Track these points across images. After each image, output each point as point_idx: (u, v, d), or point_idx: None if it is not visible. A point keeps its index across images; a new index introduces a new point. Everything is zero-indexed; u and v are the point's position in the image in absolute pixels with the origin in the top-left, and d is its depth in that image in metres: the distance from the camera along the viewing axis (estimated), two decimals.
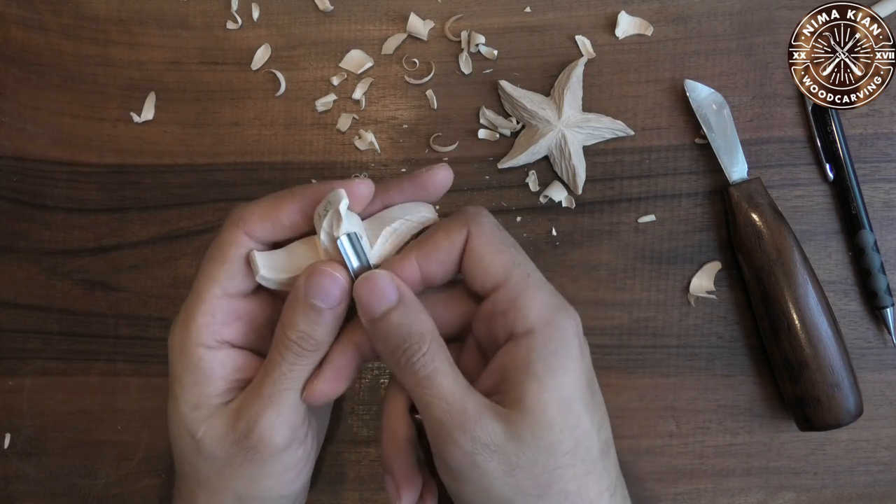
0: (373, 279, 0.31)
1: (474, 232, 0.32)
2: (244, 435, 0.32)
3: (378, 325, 0.31)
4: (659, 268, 0.45)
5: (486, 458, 0.29)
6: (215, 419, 0.32)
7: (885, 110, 0.45)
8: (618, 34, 0.45)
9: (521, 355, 0.30)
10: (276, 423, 0.32)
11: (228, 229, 0.32)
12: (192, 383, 0.32)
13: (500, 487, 0.29)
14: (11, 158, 0.47)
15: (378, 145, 0.46)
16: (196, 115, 0.47)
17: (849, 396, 0.41)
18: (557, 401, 0.29)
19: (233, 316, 0.33)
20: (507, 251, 0.32)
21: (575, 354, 0.30)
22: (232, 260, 0.32)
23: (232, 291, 0.33)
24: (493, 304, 0.31)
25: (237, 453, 0.32)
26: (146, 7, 0.47)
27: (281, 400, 0.32)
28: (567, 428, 0.29)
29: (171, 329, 0.33)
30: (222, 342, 0.33)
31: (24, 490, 0.46)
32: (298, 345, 0.31)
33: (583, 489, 0.30)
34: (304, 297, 0.31)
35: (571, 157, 0.44)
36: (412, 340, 0.30)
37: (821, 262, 0.45)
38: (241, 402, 0.32)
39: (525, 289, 0.31)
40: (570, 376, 0.30)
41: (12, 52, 0.47)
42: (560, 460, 0.29)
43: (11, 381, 0.47)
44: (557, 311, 0.31)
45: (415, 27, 0.46)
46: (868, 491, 0.45)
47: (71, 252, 0.47)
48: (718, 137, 0.44)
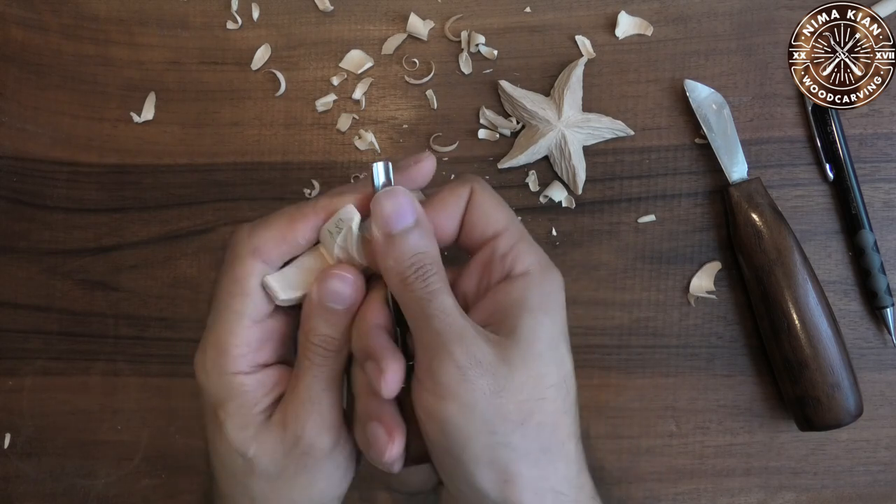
0: (396, 195, 0.32)
1: (476, 188, 0.34)
2: (294, 444, 0.33)
3: (394, 240, 0.31)
4: (659, 268, 0.45)
5: (478, 374, 0.30)
6: (263, 435, 0.33)
7: (885, 110, 0.45)
8: (618, 34, 0.45)
9: (519, 291, 0.32)
10: (321, 426, 0.33)
11: (244, 261, 0.33)
12: (239, 406, 0.33)
13: (484, 407, 0.30)
14: (11, 158, 0.47)
15: (378, 145, 0.46)
16: (196, 115, 0.47)
17: (849, 396, 0.41)
18: (548, 336, 0.31)
19: (263, 340, 0.34)
20: (506, 208, 0.34)
21: (562, 302, 0.32)
22: (254, 291, 0.33)
23: (257, 318, 0.33)
24: (493, 249, 0.33)
25: (289, 463, 0.33)
26: (146, 7, 0.47)
27: (320, 402, 0.33)
28: (554, 362, 0.31)
29: (198, 360, 0.34)
30: (257, 366, 0.34)
31: (24, 490, 0.46)
32: (324, 347, 0.32)
33: (557, 426, 0.31)
34: (319, 303, 0.32)
35: (571, 157, 0.44)
36: (426, 259, 0.31)
37: (821, 262, 0.45)
38: (283, 413, 0.33)
39: (523, 238, 0.33)
40: (559, 318, 0.32)
41: (12, 52, 0.47)
42: (544, 392, 0.31)
43: (11, 381, 0.47)
44: (549, 265, 0.33)
45: (415, 27, 0.46)
46: (868, 491, 0.45)
47: (71, 252, 0.47)
48: (718, 137, 0.44)
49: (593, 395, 0.45)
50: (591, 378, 0.45)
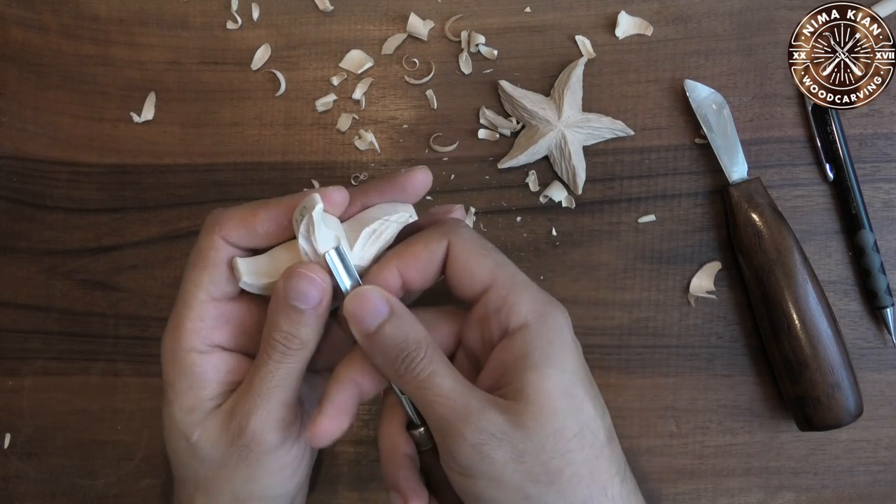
0: (362, 295, 0.31)
1: (455, 241, 0.32)
2: (237, 434, 0.32)
3: (374, 338, 0.31)
4: (659, 268, 0.45)
5: (494, 447, 0.29)
6: (209, 422, 0.33)
7: (885, 110, 0.45)
8: (618, 34, 0.45)
9: (518, 348, 0.31)
10: (268, 421, 0.32)
11: (206, 234, 0.33)
12: (187, 387, 0.33)
13: (510, 475, 0.29)
14: (11, 158, 0.47)
15: (378, 145, 0.46)
16: (196, 115, 0.47)
17: (849, 396, 0.41)
18: (559, 387, 0.30)
19: (221, 320, 0.33)
20: (490, 255, 0.33)
21: (569, 344, 0.31)
22: (214, 264, 0.33)
23: (217, 295, 0.33)
24: (485, 305, 0.32)
25: (232, 454, 0.33)
26: (146, 7, 0.47)
27: (270, 397, 0.32)
28: (571, 412, 0.30)
29: (162, 337, 0.34)
30: (213, 346, 0.33)
31: (24, 490, 0.46)
32: (283, 344, 0.32)
33: (594, 473, 0.30)
34: (284, 299, 0.32)
35: (571, 157, 0.44)
36: (410, 348, 0.31)
37: (821, 262, 0.45)
38: (233, 403, 0.33)
39: (513, 286, 0.32)
40: (568, 363, 0.31)
41: (12, 52, 0.47)
42: (568, 444, 0.30)
43: (11, 381, 0.47)
44: (547, 305, 0.32)
45: (415, 27, 0.46)
46: (868, 491, 0.45)
47: (71, 252, 0.47)
48: (718, 137, 0.44)
49: None
50: None
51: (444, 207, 0.35)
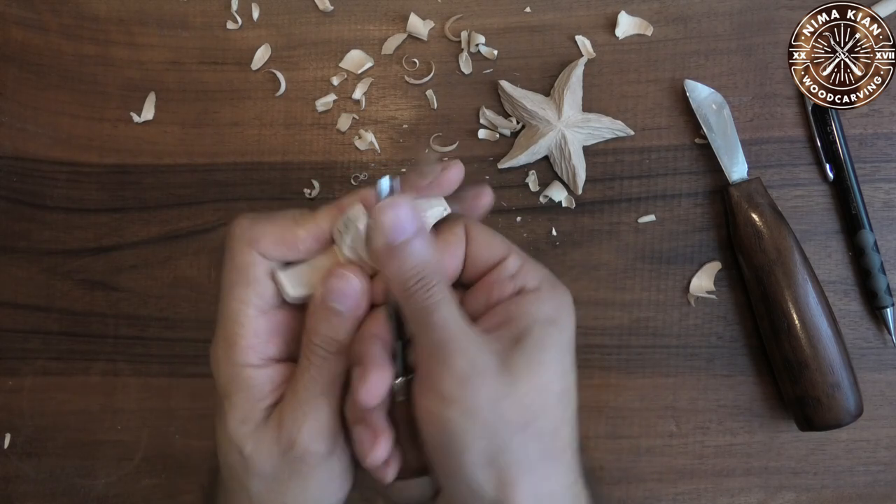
0: (398, 206, 0.31)
1: (469, 224, 0.34)
2: (288, 447, 0.32)
3: (396, 251, 0.31)
4: (659, 268, 0.45)
5: (480, 382, 0.30)
6: (261, 433, 0.33)
7: (885, 110, 0.45)
8: (618, 34, 0.45)
9: (530, 303, 0.32)
10: (316, 431, 0.32)
11: (242, 251, 0.33)
12: (244, 399, 0.33)
13: (487, 412, 0.30)
14: (11, 158, 0.47)
15: (378, 145, 0.46)
16: (196, 115, 0.47)
17: (849, 396, 0.41)
18: (556, 346, 0.31)
19: (273, 332, 0.34)
20: (503, 238, 0.35)
21: (572, 319, 0.33)
22: (257, 280, 0.33)
23: (265, 308, 0.33)
24: (501, 271, 0.33)
25: (284, 467, 0.33)
26: (146, 7, 0.47)
27: (317, 405, 0.32)
28: (559, 373, 0.31)
29: (211, 351, 0.34)
30: (267, 359, 0.33)
31: (24, 490, 0.46)
32: (323, 348, 0.32)
33: (557, 434, 0.31)
34: (322, 302, 0.32)
35: (571, 157, 0.44)
36: (428, 270, 0.31)
37: (821, 262, 0.45)
38: (280, 413, 0.33)
39: (528, 260, 0.34)
40: (567, 332, 0.32)
41: (12, 52, 0.47)
42: (547, 399, 0.31)
43: (11, 381, 0.47)
44: (558, 282, 0.34)
45: (415, 27, 0.46)
46: (868, 491, 0.45)
47: (71, 252, 0.47)
48: (718, 137, 0.44)
49: (593, 395, 0.45)
50: (591, 378, 0.45)
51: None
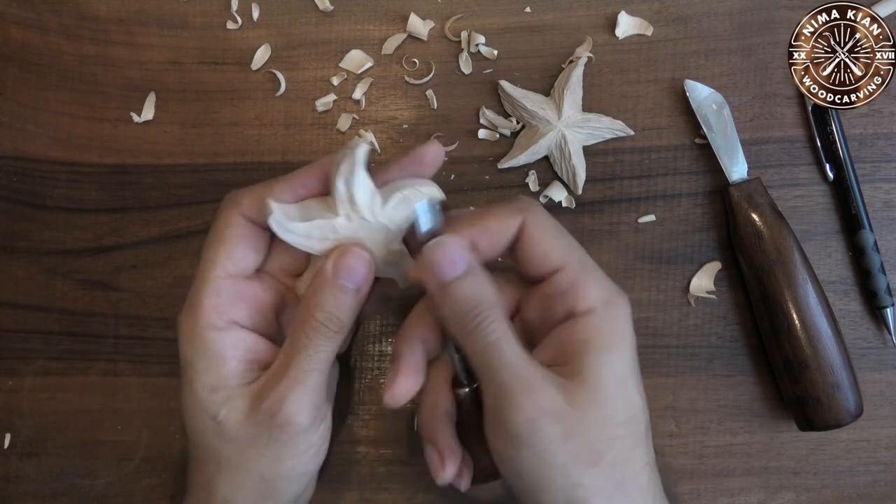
0: (446, 244, 0.31)
1: (530, 219, 0.33)
2: (270, 415, 0.32)
3: (448, 290, 0.31)
4: (659, 268, 0.45)
5: (547, 423, 0.29)
6: (236, 400, 0.33)
7: (885, 110, 0.45)
8: (618, 34, 0.45)
9: (582, 331, 0.31)
10: (303, 403, 0.32)
11: (224, 212, 0.34)
12: (207, 366, 0.33)
13: (556, 453, 0.30)
14: (11, 158, 0.47)
15: (378, 145, 0.46)
16: (196, 115, 0.47)
17: (849, 396, 0.41)
18: (615, 376, 0.31)
19: (238, 297, 0.33)
20: (563, 237, 0.33)
21: (629, 335, 0.32)
22: (229, 240, 0.33)
23: (233, 271, 0.33)
24: (553, 285, 0.32)
25: (261, 433, 0.33)
26: (146, 7, 0.47)
27: (307, 380, 0.32)
28: (622, 401, 0.31)
29: (178, 319, 0.34)
30: (230, 322, 0.33)
31: (24, 490, 0.46)
32: (325, 325, 0.32)
33: (629, 461, 0.31)
34: (332, 278, 0.32)
35: (571, 157, 0.44)
36: (483, 307, 0.31)
37: (821, 262, 0.45)
38: (265, 384, 0.33)
39: (584, 271, 0.32)
40: (626, 354, 0.31)
41: (12, 52, 0.47)
42: (614, 431, 0.30)
43: (11, 381, 0.47)
44: (614, 294, 0.32)
45: (415, 27, 0.46)
46: (868, 491, 0.45)
47: (71, 252, 0.47)
48: (718, 137, 0.44)
49: None
50: None
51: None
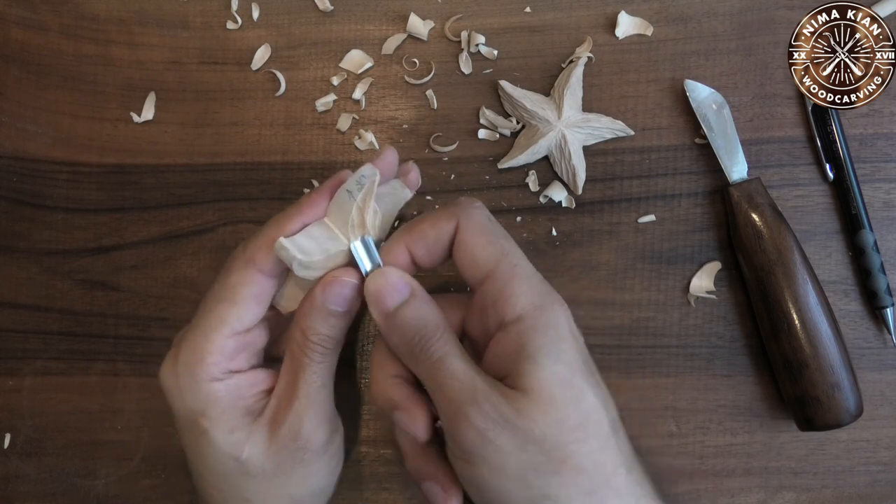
0: (384, 275, 0.32)
1: (464, 223, 0.33)
2: (291, 439, 0.33)
3: (392, 318, 0.32)
4: (659, 268, 0.45)
5: (498, 433, 0.29)
6: (255, 435, 0.33)
7: (885, 110, 0.45)
8: (618, 34, 0.45)
9: (514, 340, 0.31)
10: (319, 421, 0.33)
11: (239, 269, 0.33)
12: (220, 413, 0.33)
13: (513, 464, 0.29)
14: (11, 158, 0.47)
15: (378, 145, 0.46)
16: (196, 115, 0.47)
17: (849, 396, 0.41)
18: (556, 377, 0.30)
19: (238, 350, 0.34)
20: (496, 242, 0.33)
21: (565, 335, 0.31)
22: (244, 301, 0.33)
23: (239, 329, 0.34)
24: (483, 295, 0.32)
25: (286, 458, 0.33)
26: (146, 7, 0.47)
27: (317, 398, 0.33)
28: (571, 402, 0.30)
29: (167, 368, 0.34)
30: (230, 372, 0.34)
31: (24, 490, 0.46)
32: (322, 346, 0.33)
33: (598, 465, 0.30)
34: (322, 304, 0.32)
35: (571, 157, 0.44)
36: (427, 330, 0.31)
37: (821, 262, 0.45)
38: (276, 411, 0.33)
39: (512, 278, 0.32)
40: (565, 354, 0.31)
41: (12, 52, 0.47)
42: (570, 435, 0.30)
43: (11, 381, 0.47)
44: (545, 297, 0.32)
45: (415, 27, 0.46)
46: (868, 491, 0.45)
47: (71, 252, 0.47)
48: (718, 137, 0.44)
49: None
50: None
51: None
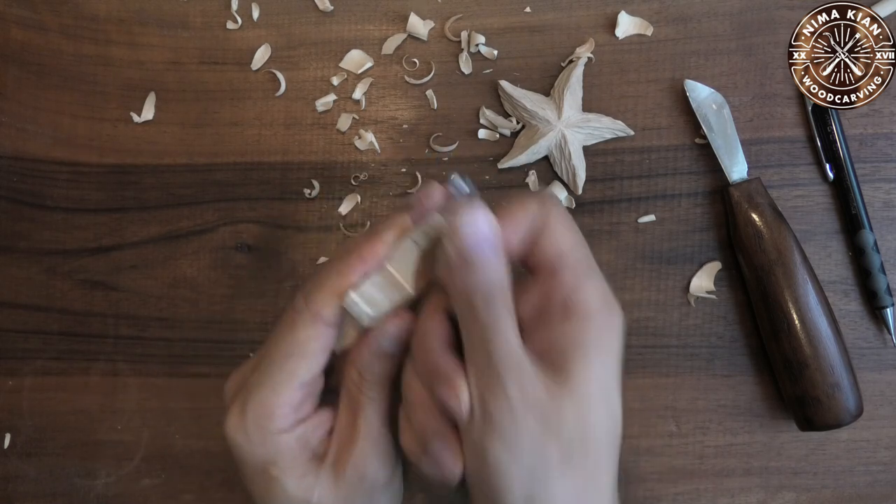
0: (479, 217, 0.31)
1: (553, 214, 0.33)
2: (359, 480, 0.33)
3: (471, 266, 0.31)
4: (659, 268, 0.45)
5: (525, 412, 0.29)
6: (323, 479, 0.33)
7: (885, 110, 0.45)
8: (618, 34, 0.45)
9: (577, 332, 0.31)
10: (381, 460, 0.33)
11: (306, 325, 0.33)
12: (291, 462, 0.33)
13: (529, 446, 0.30)
14: (11, 158, 0.47)
15: (378, 145, 0.46)
16: (196, 115, 0.47)
17: (849, 396, 0.41)
18: (600, 380, 0.31)
19: (304, 400, 0.34)
20: (578, 237, 0.33)
21: (618, 347, 0.32)
22: (313, 355, 0.33)
23: (308, 380, 0.33)
24: (556, 283, 0.32)
25: (354, 498, 0.33)
26: (146, 7, 0.47)
27: (379, 436, 0.33)
28: (604, 409, 0.31)
29: (235, 420, 0.34)
30: (295, 422, 0.34)
31: (24, 490, 0.46)
32: (379, 384, 0.33)
33: (598, 470, 0.31)
34: (378, 346, 0.33)
35: (571, 157, 0.44)
36: (496, 290, 0.31)
37: (821, 262, 0.45)
38: (339, 451, 0.34)
39: (589, 276, 0.32)
40: (613, 364, 0.31)
41: (12, 52, 0.47)
42: (589, 434, 0.30)
43: (11, 381, 0.47)
44: (612, 305, 0.32)
45: (415, 27, 0.46)
46: (868, 491, 0.45)
47: (71, 252, 0.47)
48: (718, 137, 0.44)
49: None
50: None
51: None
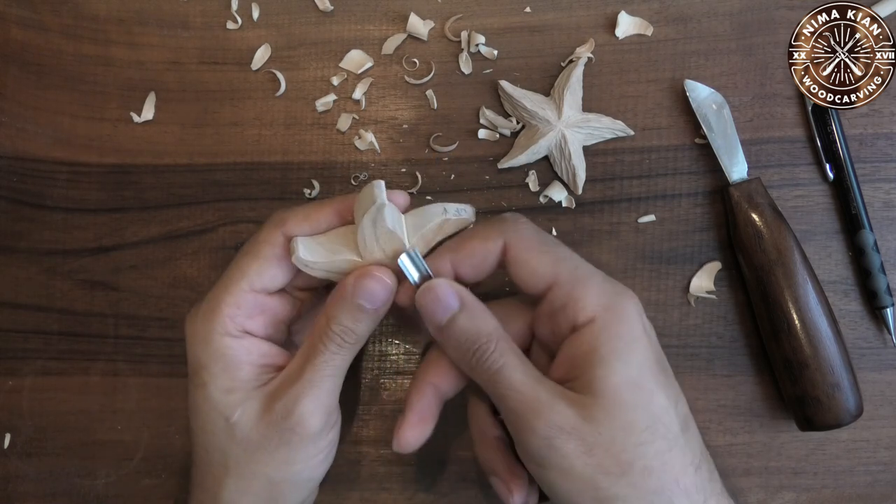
0: (433, 289, 0.32)
1: (512, 239, 0.33)
2: (283, 416, 0.33)
3: (445, 331, 0.32)
4: (659, 268, 0.45)
5: (563, 440, 0.29)
6: (251, 402, 0.33)
7: (885, 110, 0.45)
8: (618, 34, 0.45)
9: (586, 343, 0.31)
10: (315, 407, 0.33)
11: (267, 229, 0.34)
12: (223, 369, 0.34)
13: (580, 468, 0.30)
14: (11, 158, 0.47)
15: (378, 145, 0.46)
16: (196, 115, 0.47)
17: (849, 396, 0.41)
18: (626, 381, 0.30)
19: (257, 310, 0.34)
20: (550, 251, 0.33)
21: (638, 334, 0.31)
22: (265, 257, 0.34)
23: (259, 288, 0.34)
24: (550, 303, 0.32)
25: (273, 435, 0.33)
26: (146, 7, 0.47)
27: (322, 385, 0.33)
28: (640, 405, 0.30)
29: (190, 318, 0.35)
30: (244, 332, 0.34)
31: (24, 490, 0.46)
32: (341, 337, 0.33)
33: (666, 464, 0.30)
34: (351, 297, 0.33)
35: (571, 157, 0.44)
36: (480, 341, 0.31)
37: (821, 262, 0.45)
38: (279, 386, 0.34)
39: (577, 282, 0.32)
40: (637, 355, 0.31)
41: (12, 52, 0.47)
42: (639, 437, 0.30)
43: (11, 381, 0.47)
44: (614, 296, 0.32)
45: (415, 27, 0.46)
46: (868, 491, 0.45)
47: (71, 252, 0.47)
48: (718, 137, 0.44)
49: None
50: None
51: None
